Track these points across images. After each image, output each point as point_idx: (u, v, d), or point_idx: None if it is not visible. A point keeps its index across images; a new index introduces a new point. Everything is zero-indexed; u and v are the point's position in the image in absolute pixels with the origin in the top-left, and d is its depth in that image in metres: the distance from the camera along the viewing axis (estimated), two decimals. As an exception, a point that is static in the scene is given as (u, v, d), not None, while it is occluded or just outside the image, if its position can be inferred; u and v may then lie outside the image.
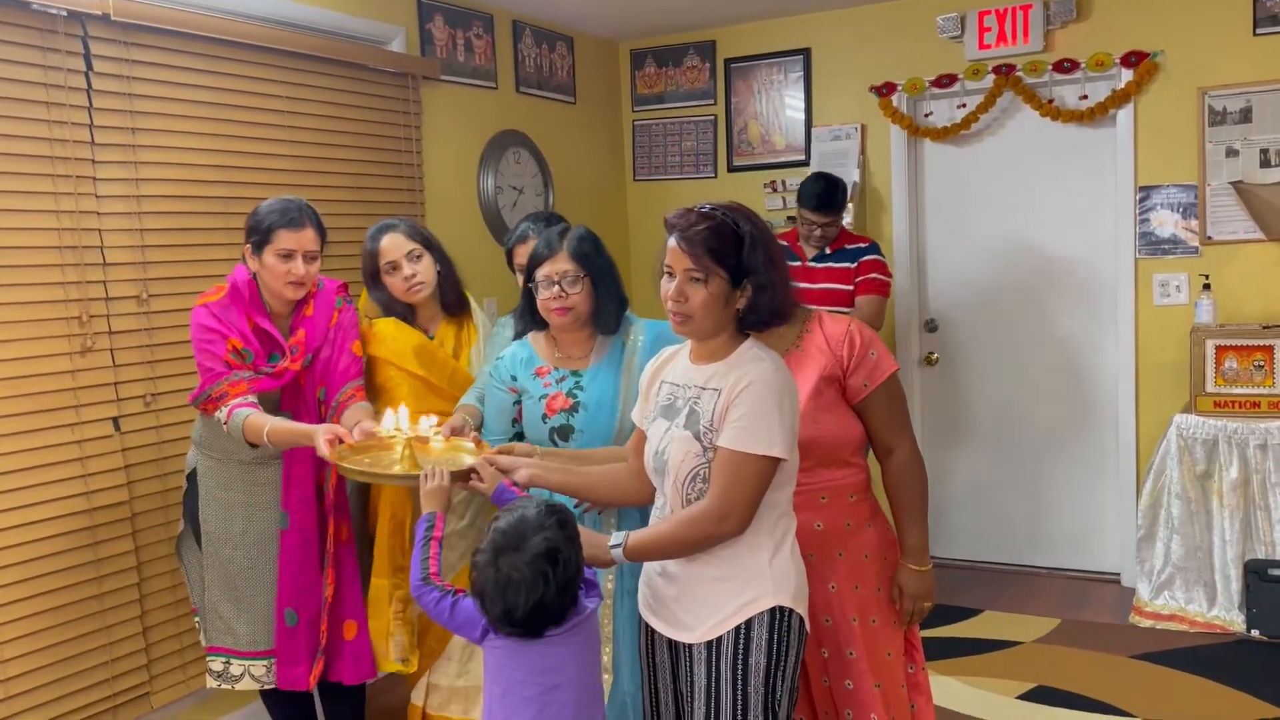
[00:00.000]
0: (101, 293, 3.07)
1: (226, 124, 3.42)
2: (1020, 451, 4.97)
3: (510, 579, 1.85)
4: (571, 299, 2.52)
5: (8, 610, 2.85)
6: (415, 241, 2.98)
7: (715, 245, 1.95)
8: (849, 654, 2.32)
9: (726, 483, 1.92)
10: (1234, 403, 4.15)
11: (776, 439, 1.92)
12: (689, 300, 1.96)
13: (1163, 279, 4.52)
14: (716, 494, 1.93)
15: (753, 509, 1.94)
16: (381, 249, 2.97)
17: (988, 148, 4.91)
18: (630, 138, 5.59)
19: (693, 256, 1.95)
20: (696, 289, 1.96)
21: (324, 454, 2.45)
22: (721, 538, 1.95)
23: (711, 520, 1.93)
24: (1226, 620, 4.09)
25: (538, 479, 2.20)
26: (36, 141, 2.92)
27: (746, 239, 1.98)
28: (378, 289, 3.01)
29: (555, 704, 1.93)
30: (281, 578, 2.82)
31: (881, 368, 2.30)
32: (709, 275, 1.95)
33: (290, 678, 2.85)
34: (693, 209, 2.00)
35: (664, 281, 2.01)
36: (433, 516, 2.11)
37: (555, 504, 1.97)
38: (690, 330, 2.01)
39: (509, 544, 1.87)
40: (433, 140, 4.29)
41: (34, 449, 2.91)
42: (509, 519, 1.91)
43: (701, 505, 1.95)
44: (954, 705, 3.53)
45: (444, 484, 2.15)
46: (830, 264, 4.24)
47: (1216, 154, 4.38)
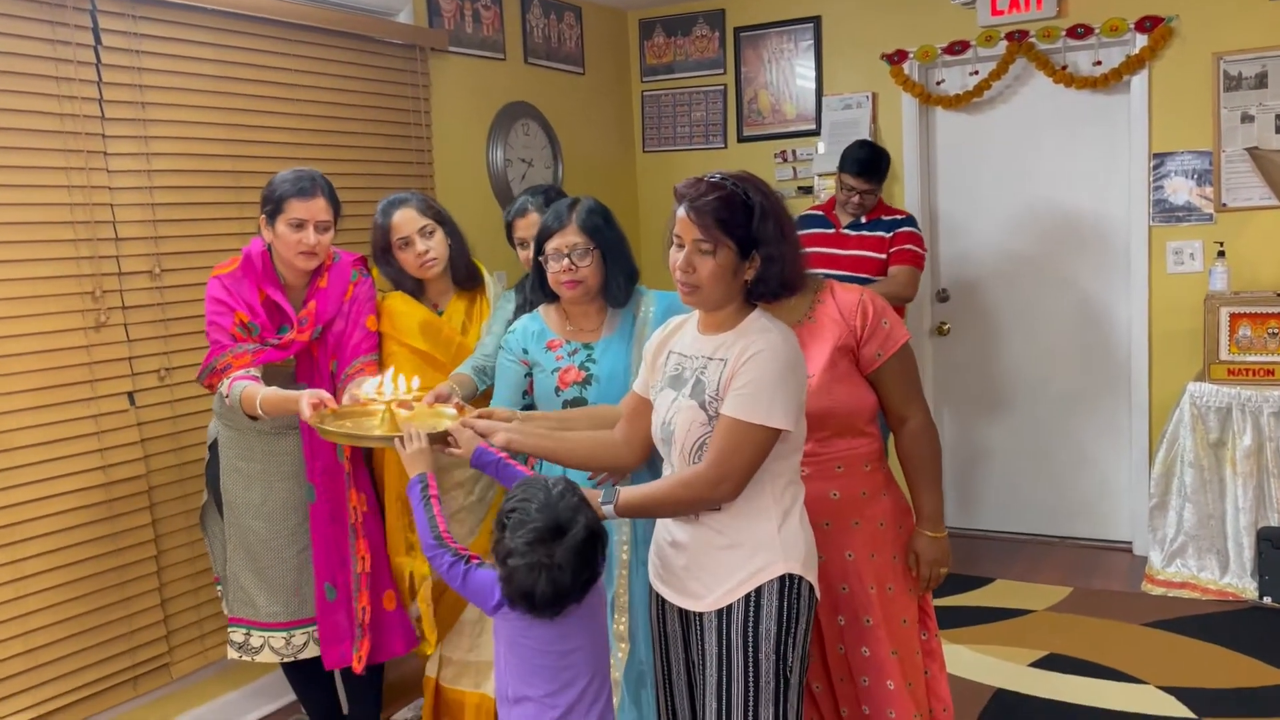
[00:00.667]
0: (114, 268, 3.08)
1: (235, 97, 3.41)
2: (1033, 421, 4.97)
3: (560, 566, 1.85)
4: (581, 272, 2.51)
5: (30, 583, 2.88)
6: (428, 217, 2.95)
7: (724, 216, 1.94)
8: (866, 621, 2.33)
9: (724, 449, 1.93)
10: (1248, 370, 4.13)
11: (777, 410, 1.92)
12: (697, 271, 1.96)
13: (1177, 246, 4.50)
14: (713, 458, 1.93)
15: (747, 476, 1.94)
16: (394, 224, 2.94)
17: (1000, 115, 4.87)
18: (639, 108, 5.56)
19: (701, 227, 1.94)
20: (705, 260, 1.95)
21: (306, 417, 2.46)
22: (713, 502, 1.96)
23: (705, 484, 1.93)
24: (1239, 588, 4.10)
25: (515, 443, 2.19)
26: (47, 117, 2.92)
27: (756, 209, 1.96)
28: (387, 264, 2.99)
29: (571, 667, 1.96)
30: (316, 551, 2.84)
31: (894, 337, 2.30)
32: (717, 246, 1.94)
33: (336, 656, 2.86)
34: (702, 178, 1.99)
35: (672, 251, 2.00)
36: (424, 477, 2.12)
37: (567, 480, 1.97)
38: (698, 301, 2.01)
39: (550, 533, 1.86)
40: (441, 112, 4.27)
41: (51, 423, 2.93)
42: (535, 506, 1.88)
43: (697, 468, 1.95)
44: (966, 673, 3.55)
45: (424, 445, 2.15)
46: (864, 233, 4.22)
47: (1231, 120, 4.34)
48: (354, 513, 2.85)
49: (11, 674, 2.84)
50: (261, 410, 2.62)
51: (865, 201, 4.21)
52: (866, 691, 2.34)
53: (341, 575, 2.86)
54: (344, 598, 2.85)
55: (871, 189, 4.20)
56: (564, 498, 1.90)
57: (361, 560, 2.85)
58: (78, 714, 3.01)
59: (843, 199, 4.24)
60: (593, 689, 1.99)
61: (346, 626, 2.86)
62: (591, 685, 1.99)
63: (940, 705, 2.47)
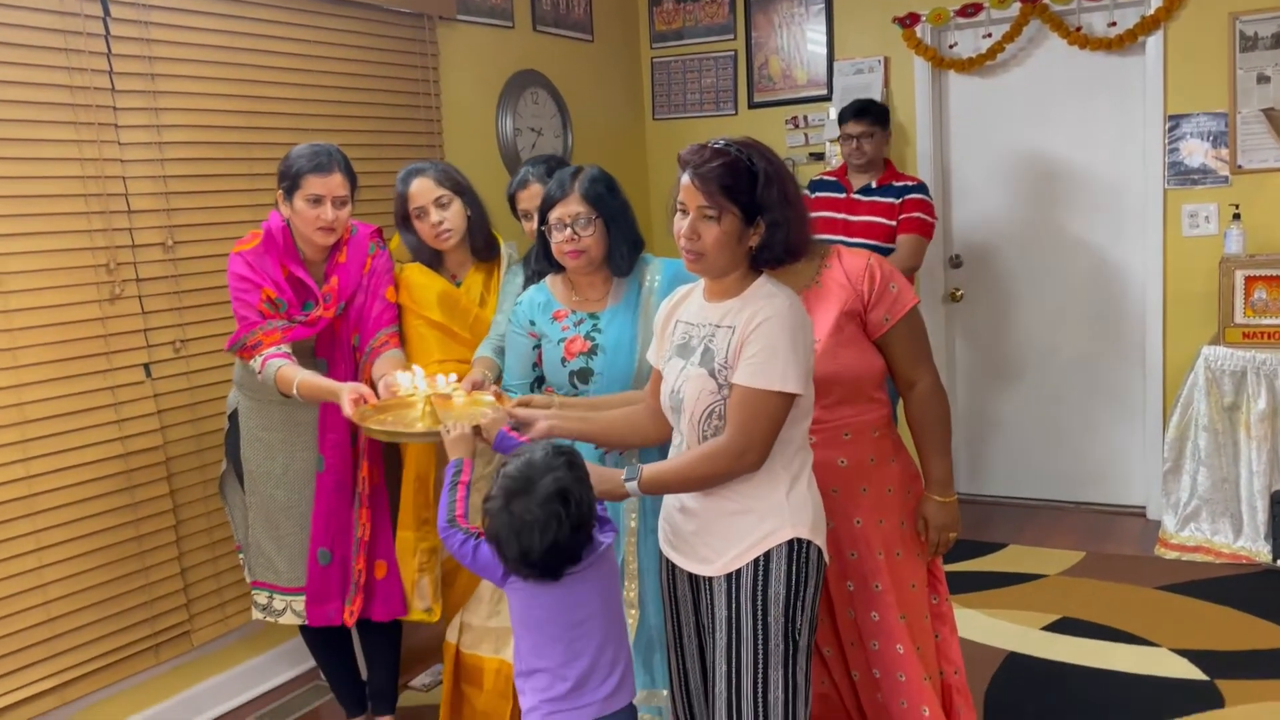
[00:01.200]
0: (128, 240, 3.10)
1: (244, 68, 3.41)
2: (1046, 387, 4.95)
3: (524, 522, 1.88)
4: (584, 241, 2.50)
5: (50, 553, 2.92)
6: (444, 187, 2.93)
7: (729, 182, 1.93)
8: (875, 587, 2.35)
9: (743, 419, 1.93)
10: (1263, 334, 4.11)
11: (791, 375, 1.92)
12: (701, 238, 1.96)
13: (1192, 209, 4.46)
14: (734, 430, 1.94)
15: (769, 444, 1.95)
16: (410, 193, 2.93)
17: (1014, 78, 4.82)
18: (649, 76, 5.53)
19: (706, 194, 1.93)
20: (709, 226, 1.95)
21: (349, 414, 2.49)
22: (739, 473, 1.96)
23: (730, 456, 1.94)
24: (1253, 551, 4.10)
25: (556, 429, 2.20)
26: (57, 89, 2.93)
27: (761, 175, 1.96)
28: (408, 232, 2.99)
29: (583, 636, 1.98)
30: (315, 519, 2.88)
31: (902, 301, 2.30)
32: (722, 212, 1.94)
33: (321, 614, 2.92)
34: (707, 145, 1.98)
35: (677, 218, 2.00)
36: (459, 463, 2.14)
37: (562, 445, 1.99)
38: (703, 268, 2.01)
39: (519, 488, 1.89)
40: (450, 82, 4.26)
41: (68, 395, 2.96)
42: (517, 463, 1.93)
43: (719, 441, 1.96)
44: (978, 637, 3.57)
45: (466, 432, 2.17)
46: (875, 198, 4.21)
47: (1248, 81, 4.29)
48: (362, 483, 2.88)
49: (33, 643, 2.89)
50: (298, 393, 2.65)
51: (867, 147, 4.19)
52: (876, 655, 2.36)
53: (340, 541, 2.90)
54: (338, 561, 2.90)
55: (870, 131, 4.18)
56: (546, 459, 1.92)
57: (363, 527, 2.90)
58: (99, 682, 3.06)
59: (847, 152, 4.23)
60: (606, 659, 2.01)
61: (336, 589, 2.91)
62: (604, 655, 2.01)
63: (951, 668, 2.48)
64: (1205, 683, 3.19)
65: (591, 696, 1.99)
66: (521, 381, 2.67)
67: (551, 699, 1.99)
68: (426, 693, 3.48)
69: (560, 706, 1.98)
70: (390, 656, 3.14)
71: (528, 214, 2.95)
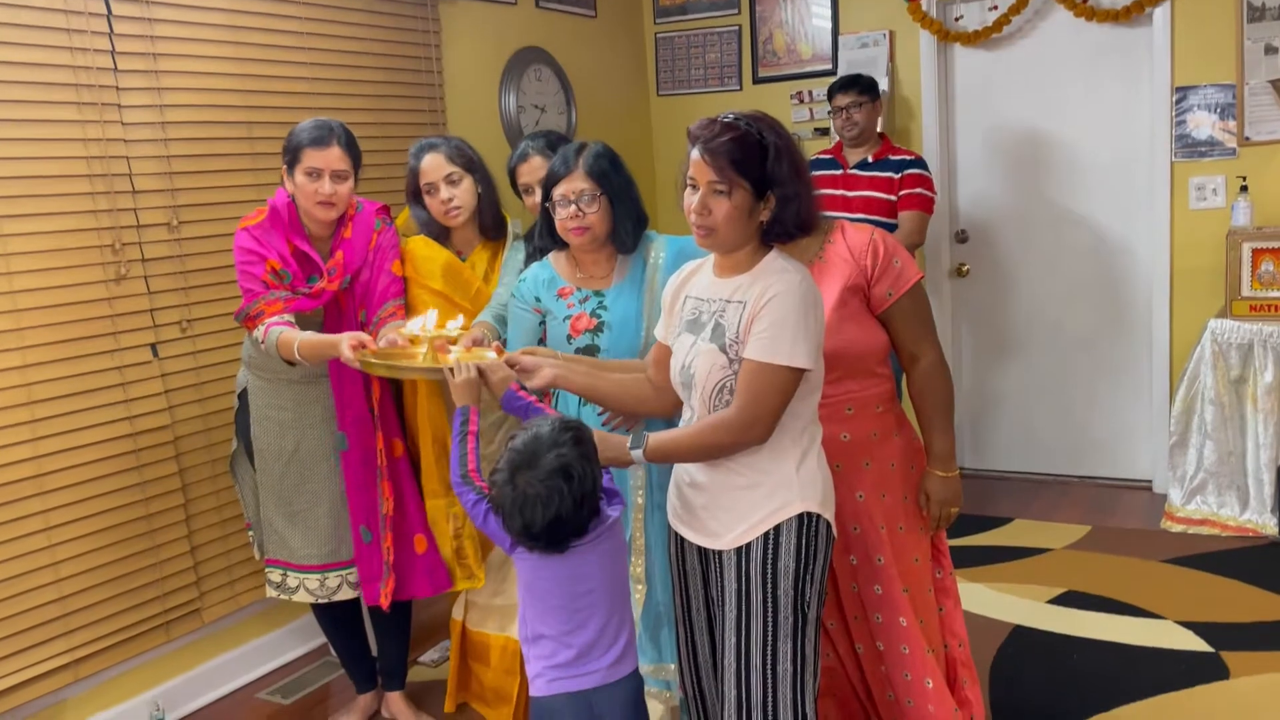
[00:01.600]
0: (132, 220, 3.10)
1: (247, 47, 3.41)
2: (1053, 361, 4.95)
3: (527, 496, 1.88)
4: (589, 218, 2.49)
5: (60, 532, 2.94)
6: (456, 164, 2.92)
7: (739, 156, 1.93)
8: (878, 560, 2.35)
9: (752, 393, 1.93)
10: (1270, 306, 4.10)
11: (801, 350, 1.92)
12: (712, 213, 1.95)
13: (1199, 182, 4.44)
14: (742, 403, 1.94)
15: (777, 418, 1.95)
16: (422, 168, 2.92)
17: (1020, 51, 4.79)
18: (653, 51, 5.50)
19: (716, 168, 1.93)
20: (720, 201, 1.94)
21: (348, 358, 2.47)
22: (745, 445, 1.97)
23: (737, 428, 1.95)
24: (1259, 524, 4.10)
25: (561, 379, 2.19)
26: (59, 69, 2.93)
27: (771, 150, 1.95)
28: (418, 206, 2.98)
29: (587, 608, 1.99)
30: (350, 497, 2.89)
31: (905, 275, 2.29)
32: (732, 187, 1.93)
33: (373, 593, 2.92)
34: (716, 119, 1.97)
35: (686, 194, 1.99)
36: (466, 411, 2.12)
37: (570, 420, 1.98)
38: (714, 243, 2.00)
39: (524, 461, 1.90)
40: (453, 59, 4.25)
41: (76, 375, 2.97)
42: (524, 437, 1.93)
43: (727, 413, 1.96)
44: (985, 611, 3.58)
45: (473, 376, 2.14)
46: (874, 172, 4.20)
47: (1255, 51, 4.25)
48: (380, 456, 2.89)
49: (46, 620, 2.92)
50: (299, 355, 2.64)
51: (857, 117, 4.17)
52: (880, 628, 2.37)
53: (375, 518, 2.91)
54: (377, 538, 2.91)
55: (859, 101, 4.17)
56: (553, 434, 1.91)
57: (385, 502, 2.89)
58: (111, 659, 3.09)
59: (840, 125, 4.21)
60: (610, 631, 2.02)
61: (380, 567, 2.92)
62: (608, 628, 2.02)
63: (955, 640, 2.50)
64: (1211, 654, 3.20)
65: (595, 665, 2.00)
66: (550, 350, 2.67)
67: (555, 665, 2.01)
68: (435, 668, 3.51)
69: (564, 673, 2.00)
70: (401, 633, 3.16)
71: (528, 188, 2.94)
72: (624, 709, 2.03)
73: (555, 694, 2.01)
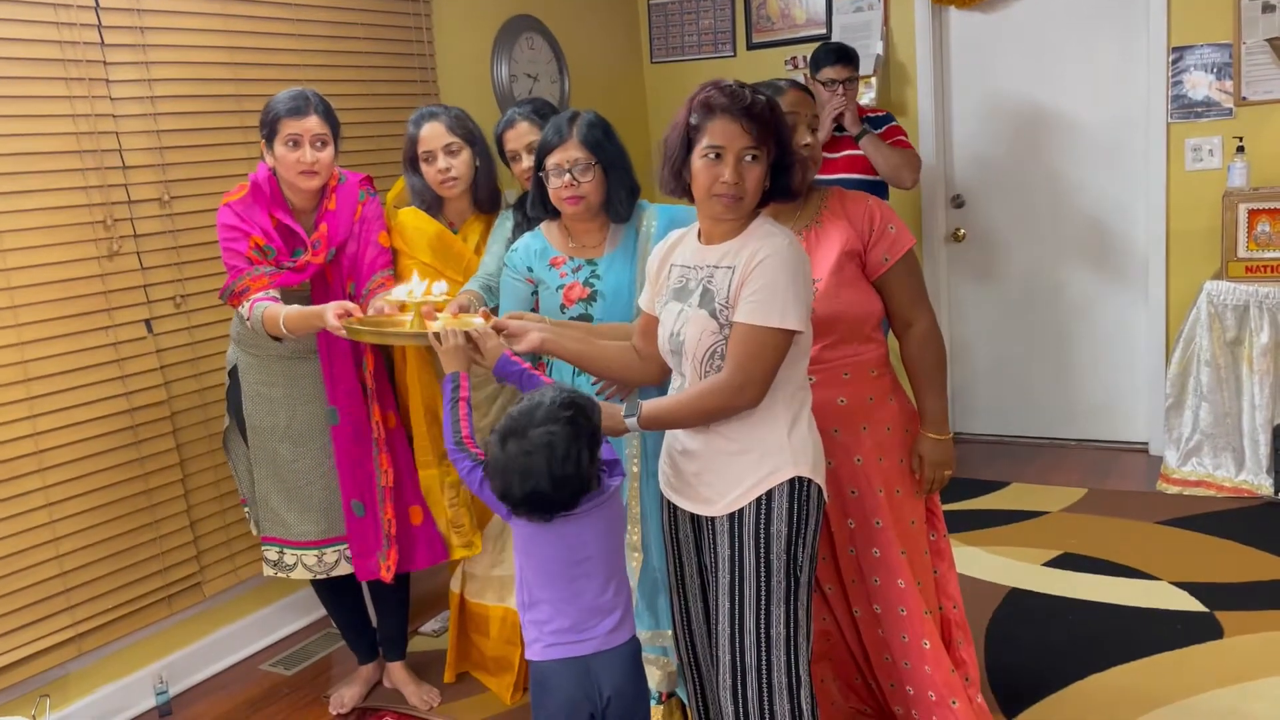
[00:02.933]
0: (123, 196, 3.09)
1: (235, 19, 3.38)
2: (1049, 324, 4.95)
3: (508, 463, 1.89)
4: (583, 187, 2.49)
5: (60, 508, 2.96)
6: (455, 135, 2.90)
7: (771, 120, 1.95)
8: (876, 524, 2.37)
9: (743, 355, 1.94)
10: (1266, 267, 4.09)
11: (790, 312, 1.93)
12: (744, 180, 1.95)
13: (1195, 143, 4.41)
14: (734, 366, 1.95)
15: (769, 380, 1.96)
16: (422, 136, 2.90)
17: (1015, 13, 4.75)
18: (646, 18, 5.46)
19: (755, 134, 1.93)
20: (752, 168, 1.95)
21: (333, 326, 2.45)
22: (738, 409, 1.97)
23: (729, 392, 1.95)
24: (1254, 484, 4.12)
25: (549, 343, 2.19)
26: (46, 45, 2.91)
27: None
28: (414, 174, 2.97)
29: (583, 576, 2.00)
30: (341, 471, 2.89)
31: (901, 241, 2.30)
32: (763, 153, 1.94)
33: (367, 568, 2.93)
34: (735, 86, 1.96)
35: (704, 164, 1.95)
36: (456, 377, 2.10)
37: (577, 397, 1.95)
38: (739, 211, 1.98)
39: (515, 429, 1.90)
40: (444, 28, 4.21)
41: (71, 352, 2.97)
42: (525, 404, 1.93)
43: (719, 377, 1.97)
44: (980, 573, 3.61)
45: (460, 342, 2.12)
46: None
47: (1252, 10, 4.22)
48: (377, 428, 2.89)
49: (48, 595, 2.94)
50: (285, 328, 2.63)
51: (849, 92, 4.14)
52: (878, 590, 2.39)
53: (369, 492, 2.91)
54: (372, 513, 2.91)
55: (852, 75, 4.14)
56: (550, 411, 1.90)
57: (384, 474, 2.90)
58: (114, 633, 3.11)
59: (825, 99, 4.16)
60: (607, 598, 2.03)
61: (374, 541, 2.93)
62: (605, 594, 2.03)
63: (950, 603, 2.52)
64: (1205, 614, 3.23)
65: (592, 633, 2.02)
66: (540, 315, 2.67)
67: (553, 631, 2.02)
68: (436, 638, 3.53)
69: (562, 639, 2.02)
70: (399, 604, 3.18)
71: (515, 155, 2.93)
72: (622, 675, 2.05)
73: (553, 659, 2.02)
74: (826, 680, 2.60)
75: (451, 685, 3.22)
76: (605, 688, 2.03)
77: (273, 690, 3.34)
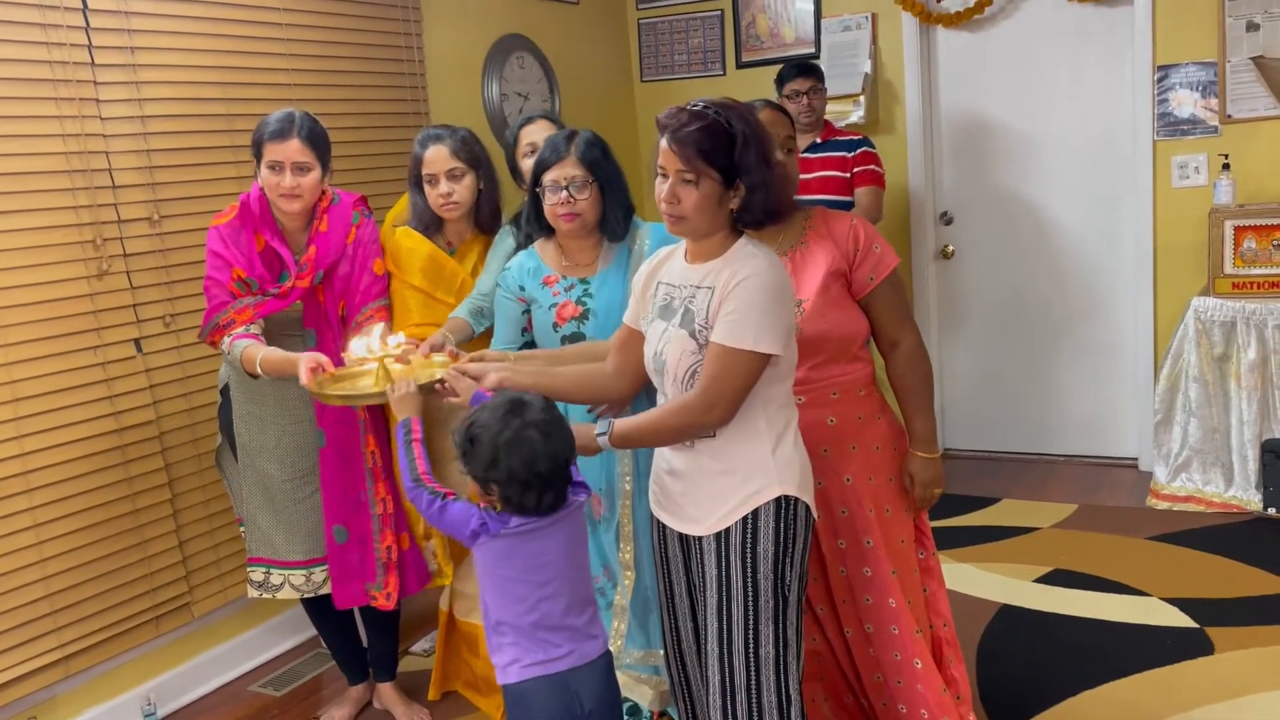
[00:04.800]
0: (113, 215, 3.09)
1: (225, 39, 3.39)
2: (1038, 341, 4.97)
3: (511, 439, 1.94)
4: (579, 205, 2.50)
5: (48, 529, 2.94)
6: (460, 159, 2.89)
7: (706, 146, 1.92)
8: (866, 543, 2.37)
9: (713, 374, 1.94)
10: (1253, 283, 4.12)
11: (765, 335, 1.93)
12: (681, 202, 1.95)
13: (1181, 160, 4.45)
14: (703, 384, 1.95)
15: (737, 401, 1.95)
16: (426, 158, 2.90)
17: (1002, 32, 4.79)
18: (636, 37, 5.48)
19: (683, 158, 1.93)
20: (688, 190, 1.95)
21: (304, 383, 2.47)
22: (706, 427, 1.98)
23: (697, 410, 1.96)
24: (1243, 500, 4.13)
25: (507, 381, 2.19)
26: (36, 65, 2.91)
27: (739, 138, 1.95)
28: (418, 193, 2.96)
29: (551, 596, 2.02)
30: (326, 495, 2.88)
31: (885, 261, 2.31)
32: (700, 177, 1.93)
33: (347, 595, 2.91)
34: (684, 107, 1.97)
35: (657, 182, 1.99)
36: (408, 421, 2.16)
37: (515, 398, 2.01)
38: (685, 230, 2.00)
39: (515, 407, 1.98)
40: (434, 47, 4.23)
41: (60, 372, 2.96)
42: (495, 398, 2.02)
43: (688, 396, 1.98)
44: (972, 590, 3.61)
45: (412, 391, 2.21)
46: (826, 153, 4.27)
47: (1237, 29, 4.26)
48: (370, 457, 2.88)
49: (35, 617, 2.92)
50: (261, 371, 2.65)
51: (816, 103, 4.25)
52: (869, 609, 2.39)
53: (355, 518, 2.89)
54: (356, 540, 2.89)
55: (815, 85, 4.26)
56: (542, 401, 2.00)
57: (381, 503, 2.88)
58: (102, 654, 3.09)
59: (794, 113, 4.20)
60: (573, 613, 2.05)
61: (357, 567, 2.91)
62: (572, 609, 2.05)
63: (940, 621, 2.52)
64: (1196, 630, 3.23)
65: (565, 648, 2.04)
66: (510, 346, 2.68)
67: (524, 652, 2.03)
68: (426, 658, 3.52)
69: (535, 658, 2.03)
70: (391, 624, 3.17)
71: (534, 147, 2.89)
72: (600, 686, 2.07)
73: (529, 679, 2.03)
74: (818, 700, 2.60)
75: (442, 705, 3.20)
76: (586, 701, 2.04)
77: (262, 711, 3.32)
